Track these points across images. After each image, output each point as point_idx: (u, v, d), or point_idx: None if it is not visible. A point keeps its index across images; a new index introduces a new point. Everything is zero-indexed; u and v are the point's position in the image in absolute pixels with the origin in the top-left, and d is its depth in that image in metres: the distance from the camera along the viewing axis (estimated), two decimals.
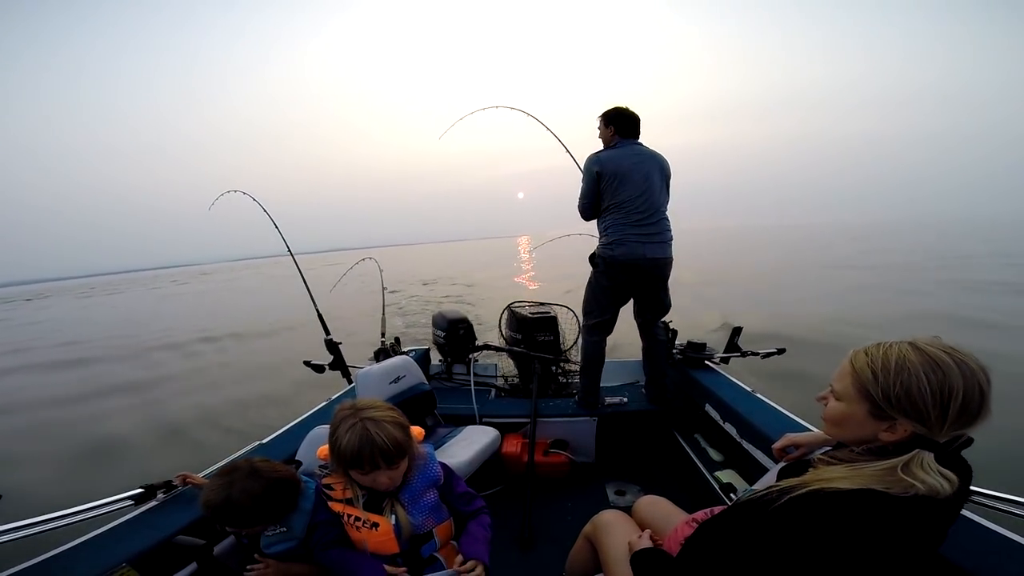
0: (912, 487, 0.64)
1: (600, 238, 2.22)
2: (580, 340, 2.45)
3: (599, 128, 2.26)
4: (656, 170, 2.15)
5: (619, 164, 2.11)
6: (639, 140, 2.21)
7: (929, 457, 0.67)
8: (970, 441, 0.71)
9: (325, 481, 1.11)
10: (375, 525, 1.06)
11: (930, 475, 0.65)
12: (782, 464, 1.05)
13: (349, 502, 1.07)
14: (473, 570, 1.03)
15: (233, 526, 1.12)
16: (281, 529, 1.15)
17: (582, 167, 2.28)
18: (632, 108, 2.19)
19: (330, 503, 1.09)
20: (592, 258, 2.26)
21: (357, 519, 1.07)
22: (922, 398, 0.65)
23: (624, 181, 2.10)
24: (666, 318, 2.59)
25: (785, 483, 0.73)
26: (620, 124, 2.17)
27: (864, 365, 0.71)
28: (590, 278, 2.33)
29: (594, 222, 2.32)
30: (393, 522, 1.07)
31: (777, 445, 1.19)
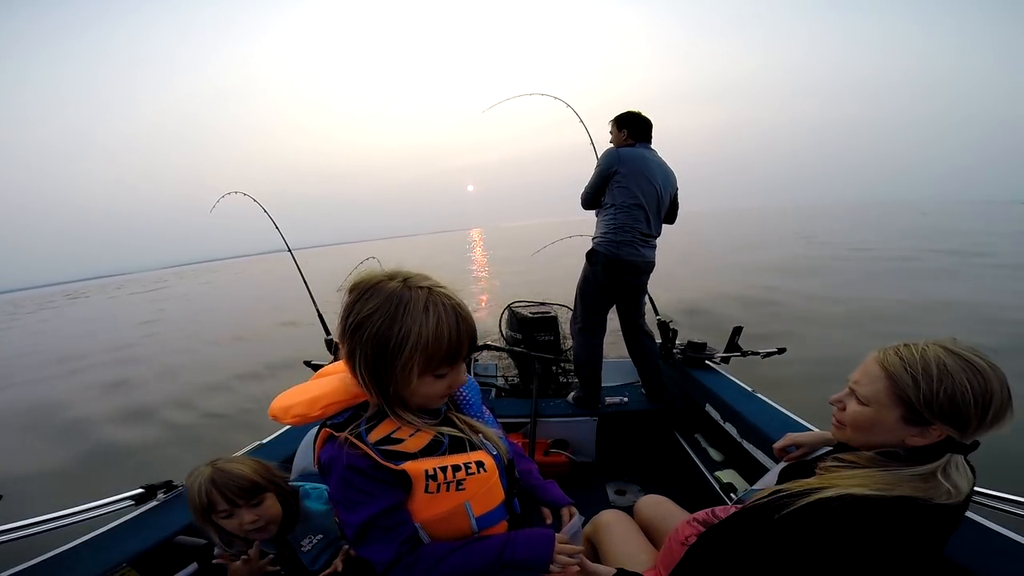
0: (945, 493, 0.65)
1: (603, 234, 2.20)
2: (574, 344, 2.42)
3: (611, 132, 2.26)
4: (667, 182, 2.19)
5: (637, 165, 2.11)
6: (651, 146, 2.22)
7: (960, 460, 0.68)
8: (976, 444, 0.72)
9: (377, 434, 0.67)
10: (480, 465, 0.71)
11: (962, 478, 0.67)
12: (783, 464, 1.04)
13: (429, 451, 0.69)
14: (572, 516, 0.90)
15: (237, 499, 0.93)
16: (318, 536, 1.05)
17: (598, 155, 2.27)
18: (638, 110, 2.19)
19: (402, 464, 0.66)
20: (590, 255, 2.25)
21: (455, 469, 0.69)
22: (965, 404, 0.65)
23: (640, 184, 2.11)
24: (665, 318, 2.64)
25: (793, 486, 0.72)
26: (633, 127, 2.18)
27: (901, 370, 0.70)
28: (582, 278, 2.31)
29: (591, 220, 2.32)
30: (495, 453, 0.77)
31: (778, 445, 1.18)
